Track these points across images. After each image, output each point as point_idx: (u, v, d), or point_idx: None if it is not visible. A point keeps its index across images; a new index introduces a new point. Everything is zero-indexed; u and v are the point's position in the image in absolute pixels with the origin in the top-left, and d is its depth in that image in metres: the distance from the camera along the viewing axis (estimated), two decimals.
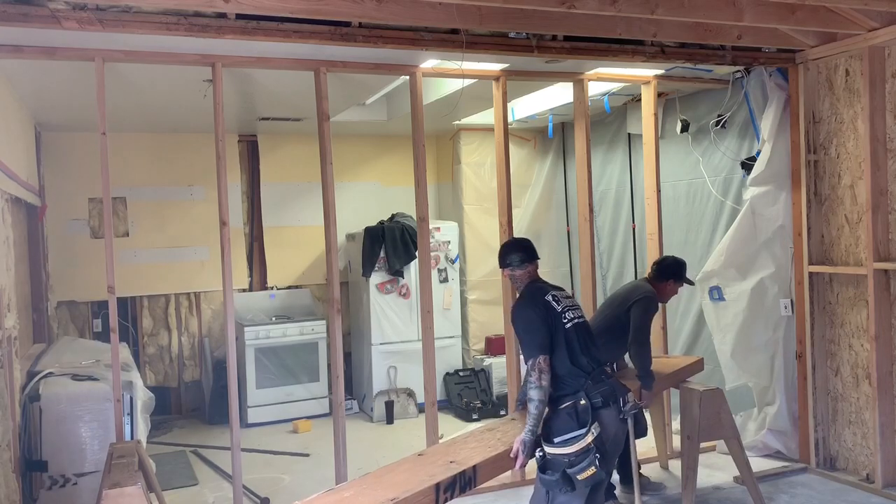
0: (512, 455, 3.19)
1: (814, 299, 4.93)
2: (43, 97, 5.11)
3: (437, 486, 2.95)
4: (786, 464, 5.02)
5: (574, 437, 3.11)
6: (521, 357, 3.45)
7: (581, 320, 3.39)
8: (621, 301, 4.39)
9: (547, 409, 3.22)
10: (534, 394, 3.15)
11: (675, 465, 4.86)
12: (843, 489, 4.60)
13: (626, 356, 4.44)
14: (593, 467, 3.05)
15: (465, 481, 3.08)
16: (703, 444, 4.33)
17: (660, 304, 4.62)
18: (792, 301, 5.08)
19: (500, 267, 3.58)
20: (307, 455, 5.65)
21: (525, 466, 3.25)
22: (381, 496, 2.86)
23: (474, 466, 3.11)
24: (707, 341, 5.66)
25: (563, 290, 3.50)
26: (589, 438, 3.09)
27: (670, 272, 4.47)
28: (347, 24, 3.86)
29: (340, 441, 4.37)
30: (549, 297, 3.34)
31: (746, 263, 5.16)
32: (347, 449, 4.41)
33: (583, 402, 3.15)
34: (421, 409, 6.15)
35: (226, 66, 4.11)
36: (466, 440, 3.52)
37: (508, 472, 4.86)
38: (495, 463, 3.24)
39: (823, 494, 4.54)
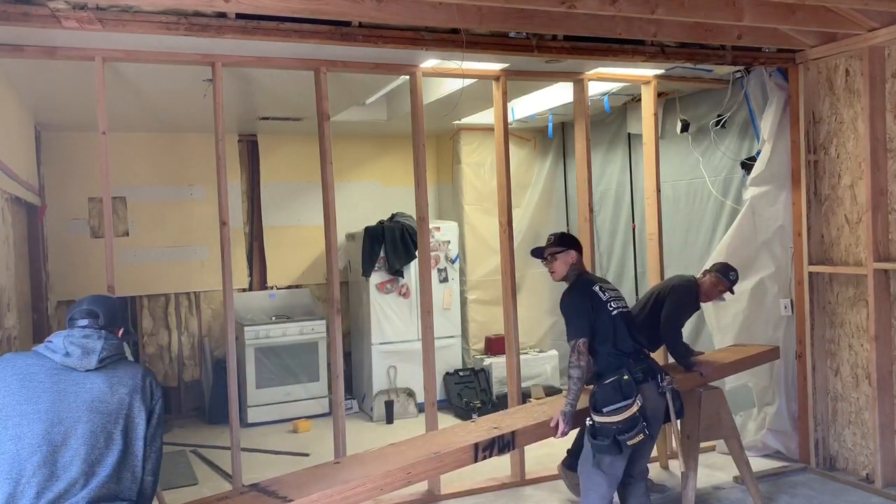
0: (552, 426, 3.60)
1: (814, 299, 4.93)
2: (43, 97, 5.11)
3: (476, 445, 3.49)
4: (785, 464, 5.03)
5: (621, 406, 3.43)
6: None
7: (625, 310, 3.72)
8: (659, 292, 4.52)
9: (594, 385, 3.58)
10: (573, 372, 3.54)
11: (675, 465, 4.87)
12: (843, 489, 4.60)
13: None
14: (642, 434, 3.42)
15: (504, 444, 3.60)
16: (703, 444, 4.33)
17: (700, 304, 4.61)
18: (792, 301, 5.08)
19: (568, 248, 3.77)
20: (307, 455, 5.64)
21: (566, 435, 3.61)
22: (427, 450, 3.47)
23: (513, 432, 3.62)
24: (707, 341, 5.65)
25: (609, 282, 3.87)
26: (634, 408, 3.42)
27: (728, 276, 4.45)
28: (347, 24, 3.86)
29: (340, 441, 4.37)
30: (596, 288, 3.69)
31: (746, 263, 5.15)
32: (347, 449, 4.41)
33: (626, 377, 3.48)
34: (421, 408, 6.15)
35: (226, 65, 4.12)
36: (517, 411, 4.11)
37: (509, 472, 4.90)
38: (535, 430, 3.71)
39: (823, 494, 4.54)
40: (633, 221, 6.50)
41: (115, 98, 4.79)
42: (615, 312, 3.62)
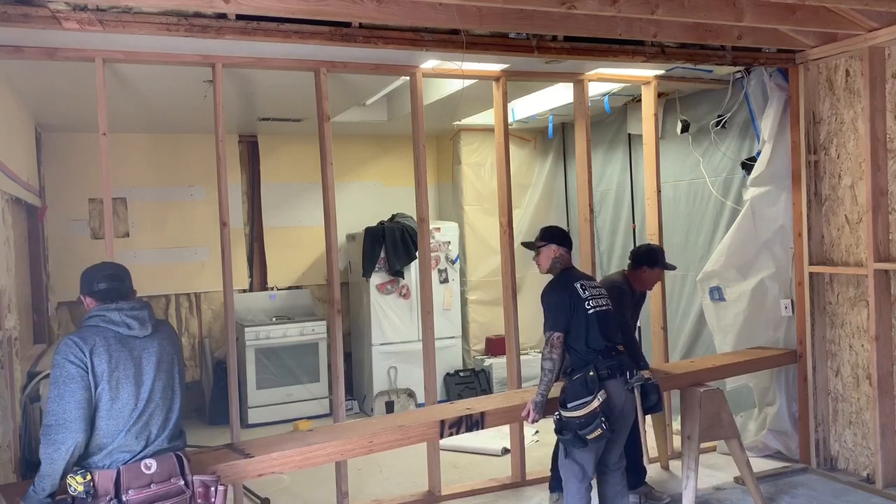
0: (523, 414, 3.82)
1: (814, 300, 4.93)
2: (43, 97, 5.11)
3: (443, 422, 3.77)
4: (786, 464, 5.02)
5: (583, 402, 3.55)
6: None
7: (603, 308, 3.78)
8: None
9: (566, 381, 3.70)
10: (545, 364, 3.68)
11: (676, 465, 4.87)
12: (844, 489, 4.60)
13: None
14: (600, 429, 3.52)
15: (472, 423, 3.86)
16: (703, 445, 4.33)
17: (646, 292, 4.73)
18: (792, 301, 5.08)
19: (549, 242, 3.92)
20: None
21: (536, 422, 3.81)
22: (395, 423, 3.80)
23: (482, 412, 3.90)
24: (707, 341, 5.66)
25: (594, 280, 3.97)
26: (595, 404, 3.53)
27: (642, 260, 4.55)
28: (347, 25, 3.86)
29: None
30: (578, 285, 3.78)
31: (747, 264, 5.15)
32: None
33: (591, 373, 3.60)
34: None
35: (226, 66, 4.11)
36: (495, 396, 4.49)
37: (509, 472, 4.91)
38: (505, 413, 3.99)
39: (824, 495, 4.54)
40: (634, 222, 6.50)
41: (116, 99, 4.79)
42: (591, 311, 3.71)
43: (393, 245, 6.75)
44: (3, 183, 4.11)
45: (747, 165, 5.26)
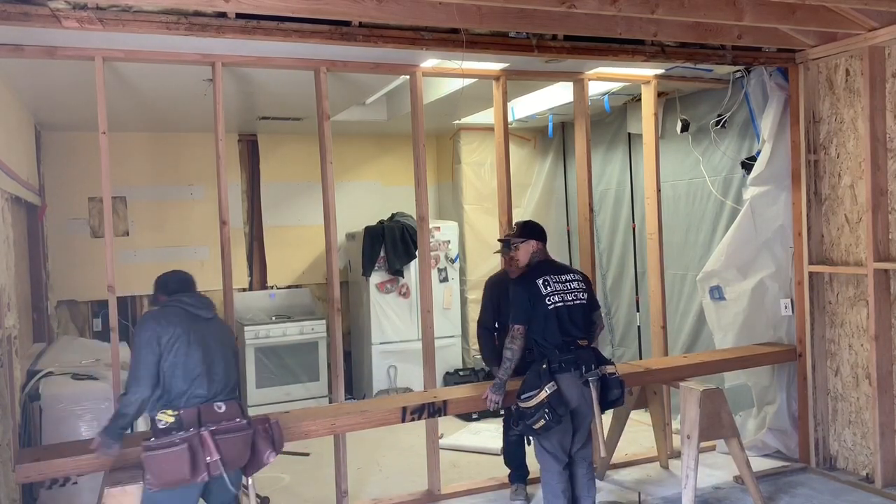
0: (483, 398, 4.06)
1: (814, 299, 4.93)
2: (43, 97, 5.10)
3: (404, 408, 4.08)
4: (786, 463, 5.03)
5: (533, 394, 3.75)
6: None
7: (565, 304, 3.87)
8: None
9: (528, 372, 3.87)
10: (506, 353, 3.90)
11: (675, 465, 4.87)
12: (843, 489, 4.60)
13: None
14: (543, 419, 3.71)
15: (434, 409, 4.14)
16: (703, 444, 4.34)
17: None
18: (792, 301, 5.08)
19: (528, 238, 4.03)
20: (307, 455, 5.64)
21: (495, 406, 4.04)
22: (359, 409, 4.15)
23: (445, 400, 4.18)
24: (707, 341, 5.66)
25: (565, 275, 3.97)
26: (542, 395, 3.72)
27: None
28: (347, 24, 3.86)
29: (340, 441, 4.37)
30: (540, 282, 3.89)
31: (747, 263, 5.16)
32: (347, 448, 4.41)
33: (544, 366, 3.78)
34: None
35: (226, 65, 4.11)
36: (463, 387, 4.82)
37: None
38: (468, 402, 4.28)
39: (823, 494, 4.54)
40: (633, 221, 6.50)
41: (116, 98, 4.79)
42: (551, 307, 3.84)
43: (392, 244, 6.75)
44: (3, 182, 4.10)
45: (747, 165, 5.26)
